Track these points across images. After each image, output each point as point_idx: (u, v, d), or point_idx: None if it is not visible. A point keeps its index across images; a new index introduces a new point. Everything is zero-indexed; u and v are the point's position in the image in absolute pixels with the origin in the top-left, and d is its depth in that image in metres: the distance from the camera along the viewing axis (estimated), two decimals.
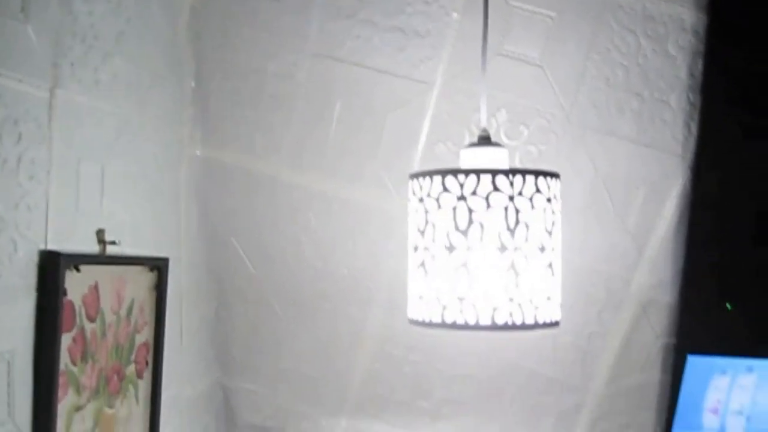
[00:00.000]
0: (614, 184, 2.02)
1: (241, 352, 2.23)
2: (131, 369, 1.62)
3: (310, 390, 2.24)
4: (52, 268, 1.28)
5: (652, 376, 2.15)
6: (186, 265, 1.92)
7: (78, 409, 1.40)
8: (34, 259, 1.27)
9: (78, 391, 1.39)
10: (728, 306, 3.07)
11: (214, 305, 2.15)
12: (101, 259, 1.45)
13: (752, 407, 2.28)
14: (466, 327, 1.27)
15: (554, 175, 1.34)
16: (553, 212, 1.34)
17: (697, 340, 2.13)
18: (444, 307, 1.29)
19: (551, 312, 1.35)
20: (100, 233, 1.46)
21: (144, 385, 1.68)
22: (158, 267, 1.68)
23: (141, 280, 1.63)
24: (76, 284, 1.36)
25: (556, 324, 1.37)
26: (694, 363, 2.31)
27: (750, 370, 2.46)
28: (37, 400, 1.28)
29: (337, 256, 2.12)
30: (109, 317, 1.50)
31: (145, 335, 1.67)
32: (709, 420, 2.47)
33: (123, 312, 1.55)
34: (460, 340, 2.15)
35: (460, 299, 1.27)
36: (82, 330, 1.40)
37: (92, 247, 1.44)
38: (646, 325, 2.11)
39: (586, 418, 2.18)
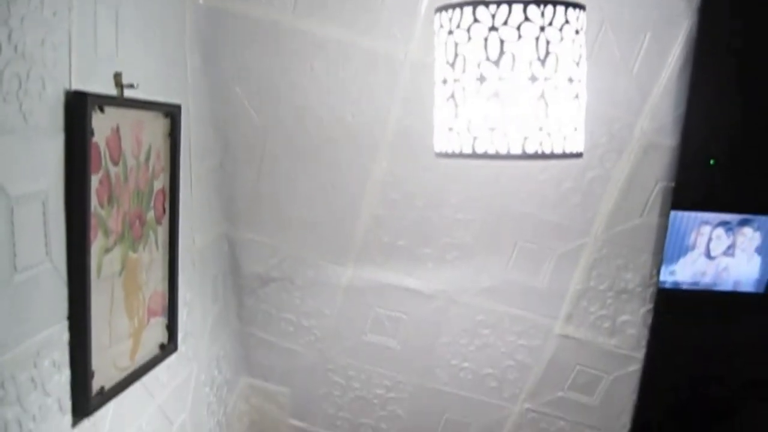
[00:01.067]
0: (621, 29, 2.01)
1: (246, 203, 2.24)
2: (151, 215, 1.62)
3: (315, 239, 2.28)
4: (79, 108, 1.27)
5: (650, 219, 2.20)
6: (192, 115, 1.91)
7: (107, 251, 1.41)
8: (61, 98, 1.25)
9: (106, 233, 1.40)
10: (711, 162, 3.14)
11: (219, 156, 2.15)
12: (121, 102, 1.43)
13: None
14: (497, 156, 1.29)
15: (582, 7, 1.34)
16: (580, 45, 1.34)
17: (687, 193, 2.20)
18: (475, 138, 1.30)
19: (577, 143, 1.37)
20: (117, 76, 1.43)
21: (162, 232, 1.69)
22: (172, 114, 1.67)
23: (156, 125, 1.62)
24: (100, 126, 1.34)
25: (579, 155, 1.40)
26: (680, 216, 2.38)
27: (738, 223, 2.54)
28: (71, 240, 1.28)
29: (342, 103, 2.11)
30: (130, 161, 1.49)
31: (162, 182, 1.67)
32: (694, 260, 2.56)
33: (142, 157, 1.55)
34: (464, 186, 2.18)
35: (492, 129, 1.28)
36: (108, 173, 1.39)
37: (110, 91, 1.42)
38: (647, 169, 2.14)
39: (585, 261, 2.24)
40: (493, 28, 1.26)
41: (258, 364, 2.47)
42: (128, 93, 1.45)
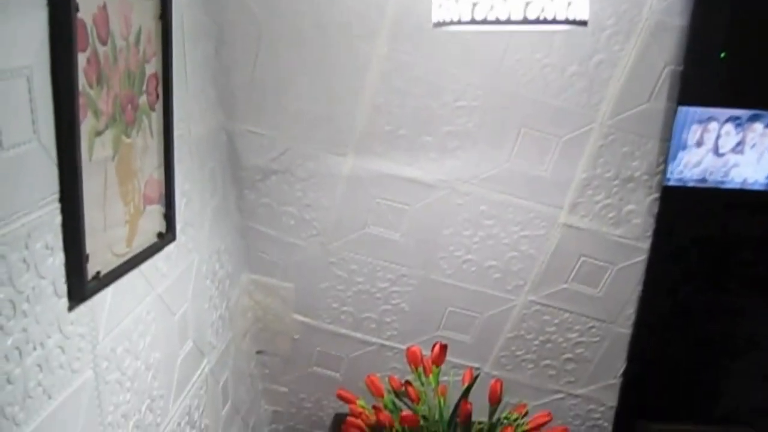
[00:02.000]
0: None
1: (243, 94, 2.19)
2: (143, 100, 1.58)
3: (315, 129, 2.23)
4: None
5: (658, 104, 2.15)
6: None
7: (98, 133, 1.37)
8: None
9: (96, 114, 1.36)
10: (722, 55, 3.05)
11: (214, 44, 2.09)
12: None
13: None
14: (497, 22, 1.23)
15: None
16: None
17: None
18: (474, 4, 1.24)
19: (581, 9, 1.31)
20: None
21: (156, 118, 1.65)
22: None
23: (146, 6, 1.55)
24: (86, 2, 1.28)
25: (584, 23, 1.34)
26: (687, 111, 2.32)
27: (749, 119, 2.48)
28: (59, 119, 1.24)
29: None
30: (119, 42, 1.44)
31: (154, 66, 1.61)
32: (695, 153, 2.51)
33: (132, 39, 1.49)
34: (466, 72, 2.12)
35: None
36: (95, 52, 1.34)
37: None
38: (655, 52, 2.08)
39: (591, 148, 2.20)
40: None
41: (260, 258, 2.45)
42: None
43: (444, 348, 1.64)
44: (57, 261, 1.25)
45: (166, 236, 1.70)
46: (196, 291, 1.98)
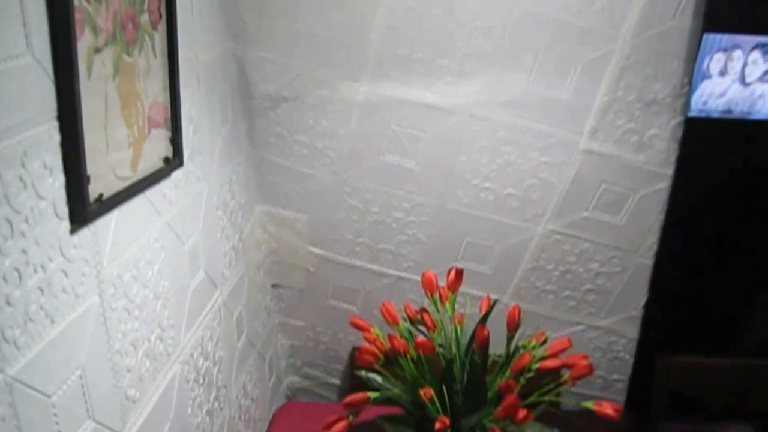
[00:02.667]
0: None
1: (252, 18, 2.12)
2: (145, 18, 1.51)
3: (328, 54, 2.16)
4: None
5: (683, 22, 2.06)
6: None
7: (97, 50, 1.31)
8: None
9: (94, 31, 1.30)
10: None
11: None
12: None
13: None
14: None
15: None
16: None
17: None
18: None
19: None
20: None
21: (160, 39, 1.58)
22: None
23: None
24: None
25: None
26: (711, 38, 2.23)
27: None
28: (55, 33, 1.18)
29: None
30: None
31: None
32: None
33: None
34: None
35: None
36: None
37: None
38: None
39: (612, 70, 2.12)
40: None
41: (273, 190, 2.40)
42: None
43: (460, 273, 1.59)
44: (57, 182, 1.20)
45: (173, 161, 1.65)
46: (207, 221, 1.93)
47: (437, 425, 1.35)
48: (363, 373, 1.57)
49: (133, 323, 1.49)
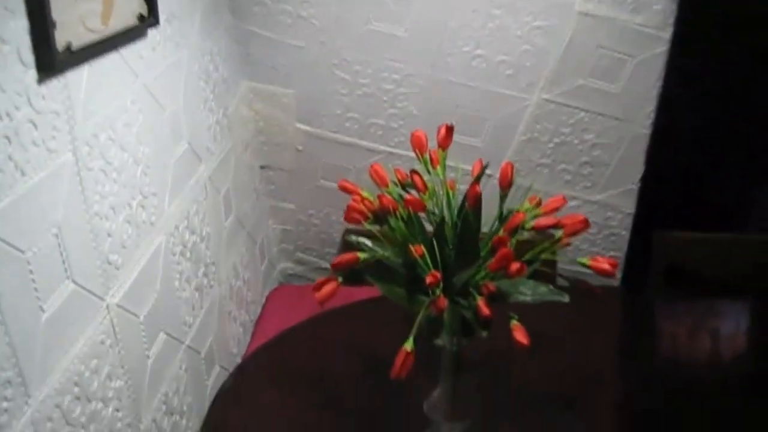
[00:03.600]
0: None
1: None
2: None
3: None
4: None
5: None
6: None
7: None
8: None
9: None
10: None
11: None
12: None
13: None
14: None
15: None
16: None
17: None
18: None
19: None
20: None
21: None
22: None
23: None
24: None
25: None
26: None
27: None
28: None
29: None
30: None
31: None
32: None
33: None
34: None
35: None
36: None
37: None
38: None
39: None
40: None
41: (258, 64, 2.32)
42: None
43: (450, 129, 1.53)
44: (20, 25, 1.13)
45: (148, 20, 1.56)
46: (188, 90, 1.86)
47: (428, 279, 1.31)
48: (353, 237, 1.52)
49: (111, 186, 1.43)
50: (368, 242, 1.51)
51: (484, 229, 1.46)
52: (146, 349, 1.58)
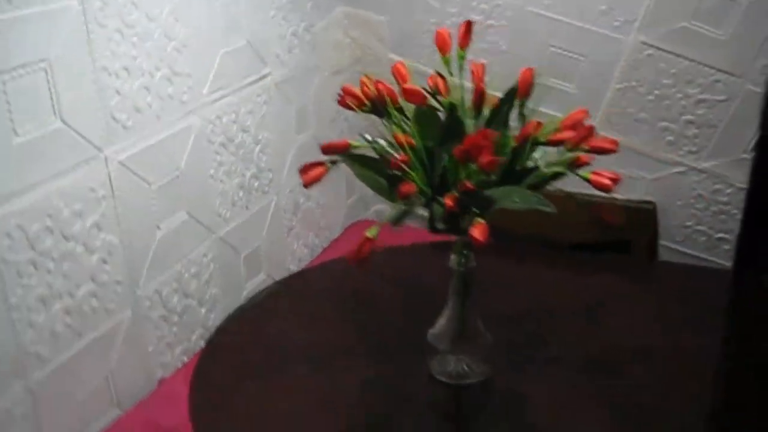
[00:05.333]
0: None
1: None
2: None
3: None
4: None
5: None
6: None
7: None
8: None
9: None
10: None
11: None
12: None
13: None
14: None
15: None
16: None
17: None
18: None
19: None
20: None
21: None
22: None
23: None
24: None
25: None
26: None
27: None
28: None
29: None
30: None
31: None
32: None
33: None
34: None
35: None
36: None
37: None
38: None
39: None
40: None
41: None
42: None
43: (469, 25, 1.46)
44: None
45: None
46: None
47: (402, 188, 1.25)
48: None
49: (127, 47, 1.46)
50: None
51: None
52: (156, 220, 1.61)
